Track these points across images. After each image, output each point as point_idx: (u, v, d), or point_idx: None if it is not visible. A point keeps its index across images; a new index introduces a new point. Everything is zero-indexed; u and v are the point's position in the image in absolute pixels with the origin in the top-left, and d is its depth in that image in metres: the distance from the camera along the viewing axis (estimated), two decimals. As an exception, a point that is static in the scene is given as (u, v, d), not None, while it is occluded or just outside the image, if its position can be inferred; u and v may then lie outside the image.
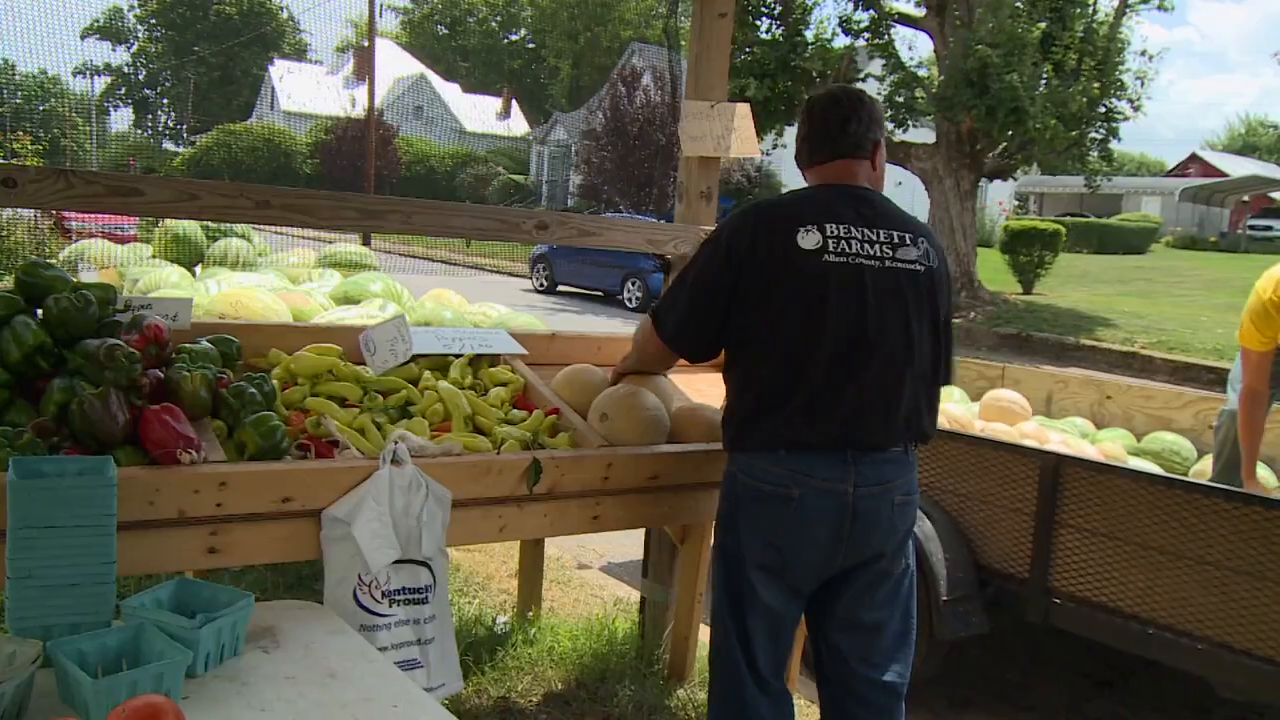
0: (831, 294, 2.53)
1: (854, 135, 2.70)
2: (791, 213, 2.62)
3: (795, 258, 2.54)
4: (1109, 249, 33.70)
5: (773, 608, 2.68)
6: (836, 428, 2.53)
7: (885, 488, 2.59)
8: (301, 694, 1.87)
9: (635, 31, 56.17)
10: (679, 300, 2.75)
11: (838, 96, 2.77)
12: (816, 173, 2.75)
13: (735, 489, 2.69)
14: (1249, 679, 3.40)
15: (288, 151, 43.27)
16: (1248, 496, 3.50)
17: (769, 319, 2.57)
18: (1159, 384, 6.46)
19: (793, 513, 2.56)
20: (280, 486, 2.45)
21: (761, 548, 2.62)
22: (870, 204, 2.66)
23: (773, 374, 2.58)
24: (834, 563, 2.62)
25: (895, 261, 2.59)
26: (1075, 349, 16.14)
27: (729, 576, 2.72)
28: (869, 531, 2.59)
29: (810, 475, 2.54)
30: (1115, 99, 18.99)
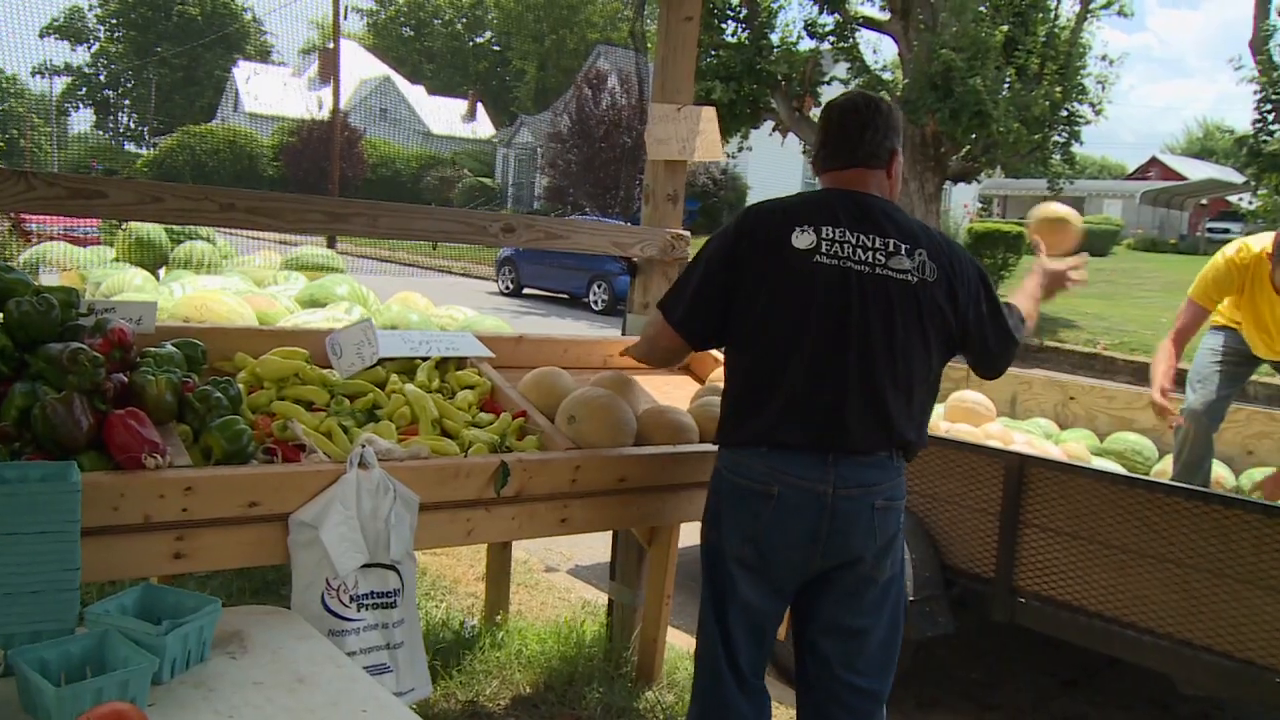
0: (817, 295, 2.55)
1: (869, 144, 2.72)
2: (791, 212, 2.65)
3: (787, 256, 2.57)
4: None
5: (752, 604, 2.69)
6: (816, 429, 2.55)
7: (866, 491, 2.59)
8: (269, 699, 1.87)
9: (601, 34, 56.17)
10: (686, 289, 2.78)
11: (856, 103, 2.78)
12: (829, 179, 2.77)
13: (720, 484, 2.72)
14: (1209, 674, 3.44)
15: (251, 154, 42.96)
16: (1207, 495, 3.55)
17: (757, 315, 2.61)
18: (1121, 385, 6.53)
19: (771, 510, 2.57)
20: (247, 491, 2.43)
21: (740, 543, 2.64)
22: (871, 210, 2.67)
23: (757, 371, 2.61)
24: (812, 563, 2.63)
25: (886, 270, 2.59)
26: (1038, 350, 16.28)
27: (712, 572, 2.75)
28: (847, 533, 2.60)
29: (790, 473, 2.55)
30: (1077, 103, 19.19)
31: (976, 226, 23.64)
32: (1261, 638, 3.31)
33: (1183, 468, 4.60)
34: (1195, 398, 4.65)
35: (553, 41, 58.68)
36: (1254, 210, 21.32)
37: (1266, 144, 15.02)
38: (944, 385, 6.14)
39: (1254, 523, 3.33)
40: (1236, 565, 3.35)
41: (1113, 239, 36.95)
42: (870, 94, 2.88)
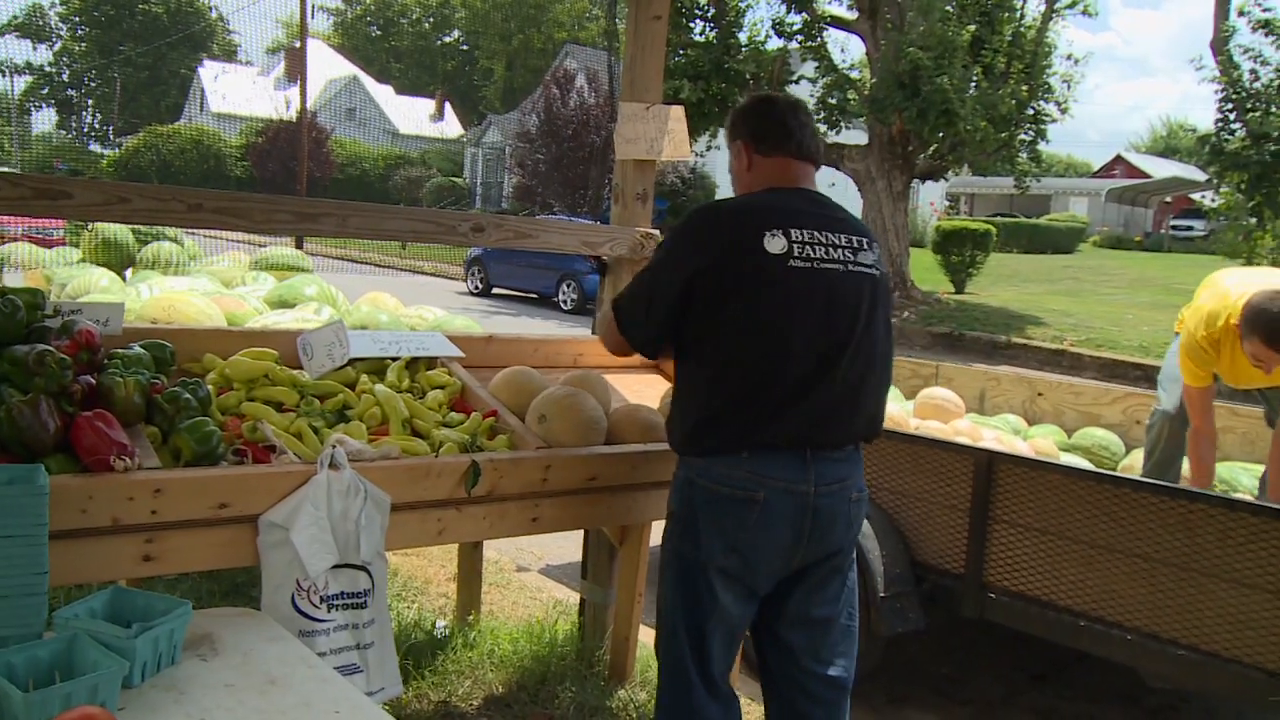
0: (798, 299, 2.54)
1: (816, 142, 2.78)
2: (759, 216, 2.61)
3: (763, 261, 2.54)
4: (1038, 248, 34.28)
5: (730, 611, 2.67)
6: (800, 430, 2.55)
7: (842, 485, 2.62)
8: (241, 701, 1.86)
9: (569, 33, 56.17)
10: (639, 294, 2.76)
11: (797, 102, 2.84)
12: (773, 165, 2.74)
13: (692, 493, 2.65)
14: (1175, 667, 3.48)
15: (218, 154, 42.64)
16: (1173, 490, 3.59)
17: (732, 322, 2.55)
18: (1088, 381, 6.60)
19: (757, 516, 2.55)
20: (216, 492, 2.42)
21: (724, 552, 2.60)
22: (826, 208, 2.70)
23: (736, 379, 2.57)
24: (792, 563, 2.64)
25: (857, 266, 2.62)
26: (1006, 347, 16.39)
27: (686, 581, 2.68)
28: (828, 530, 2.62)
29: (772, 477, 2.54)
30: (1043, 101, 19.37)
31: (944, 224, 23.75)
32: (1226, 630, 3.35)
33: (1155, 466, 4.65)
34: (1167, 398, 4.70)
35: (520, 41, 58.62)
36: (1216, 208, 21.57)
37: (1228, 143, 15.18)
38: (913, 382, 6.22)
39: (1217, 516, 3.37)
40: (1201, 559, 3.39)
41: (1079, 237, 37.31)
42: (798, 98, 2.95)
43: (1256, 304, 3.95)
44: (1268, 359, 3.97)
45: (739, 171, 2.83)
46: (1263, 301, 3.94)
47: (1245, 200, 15.80)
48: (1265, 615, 3.27)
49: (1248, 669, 3.30)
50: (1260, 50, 15.16)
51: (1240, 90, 15.16)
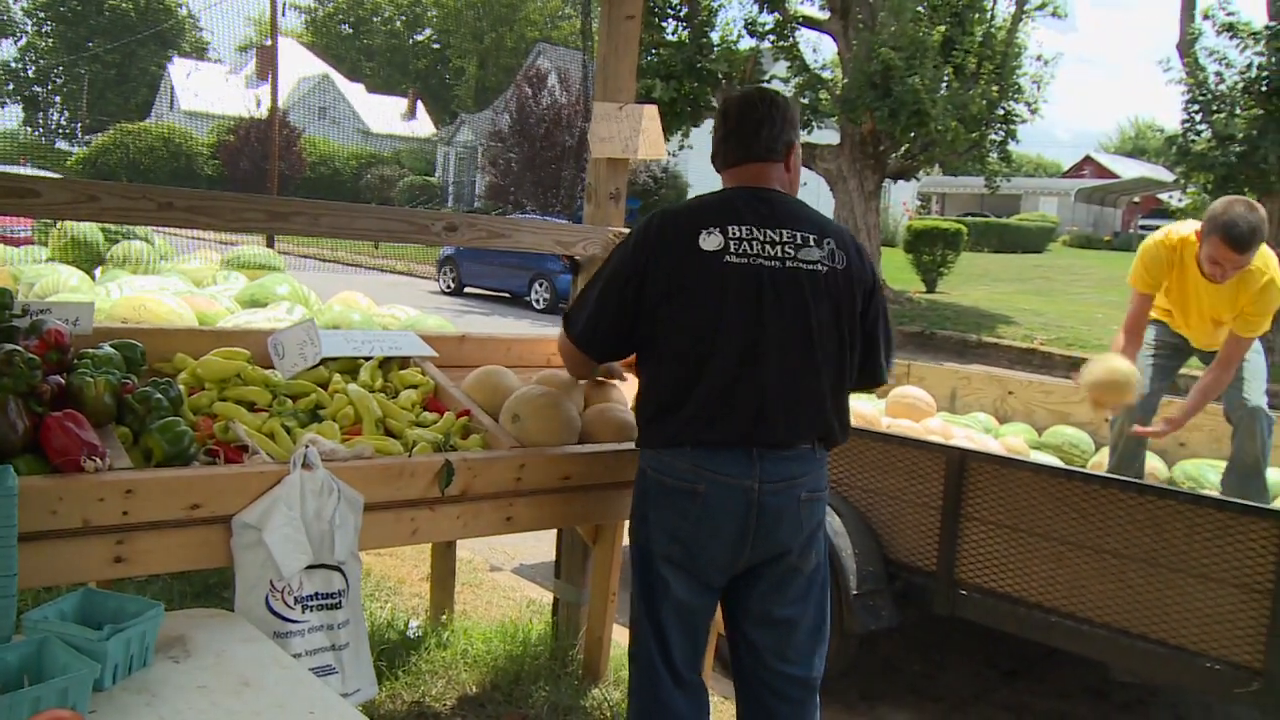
0: (730, 295, 2.56)
1: (766, 139, 2.73)
2: (695, 216, 2.65)
3: (697, 260, 2.57)
4: (1008, 248, 34.50)
5: (684, 601, 2.70)
6: (738, 426, 2.57)
7: (790, 484, 2.63)
8: (214, 703, 1.85)
9: (541, 32, 56.08)
10: (589, 302, 2.79)
11: (752, 99, 2.79)
12: (731, 175, 2.78)
13: (645, 484, 2.73)
14: (1144, 661, 3.52)
15: (188, 152, 42.27)
16: (1142, 487, 3.63)
17: (672, 320, 2.60)
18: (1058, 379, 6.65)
19: (698, 507, 2.59)
20: (188, 493, 2.40)
21: (668, 541, 2.66)
22: (774, 205, 2.69)
23: (675, 374, 2.61)
24: (740, 557, 2.65)
25: (796, 262, 2.61)
26: (977, 346, 16.51)
27: (641, 571, 2.75)
28: (774, 527, 2.63)
29: (715, 470, 2.57)
30: (1013, 102, 19.50)
31: (915, 224, 23.91)
32: (1193, 624, 3.39)
33: (1119, 460, 4.70)
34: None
35: (492, 39, 58.47)
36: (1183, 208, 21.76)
37: (1194, 143, 15.32)
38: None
39: (1185, 512, 3.41)
40: (1169, 554, 3.43)
41: (1049, 236, 37.56)
42: (767, 89, 2.91)
43: (1217, 207, 4.19)
44: (1224, 259, 4.15)
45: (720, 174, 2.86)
46: (1223, 204, 4.18)
47: (1212, 201, 15.94)
48: (1231, 609, 3.31)
49: (1214, 662, 3.34)
50: (1225, 53, 15.31)
51: (1206, 92, 15.29)
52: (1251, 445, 4.51)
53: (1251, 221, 4.06)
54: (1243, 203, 4.15)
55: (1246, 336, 4.45)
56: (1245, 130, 14.40)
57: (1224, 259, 4.12)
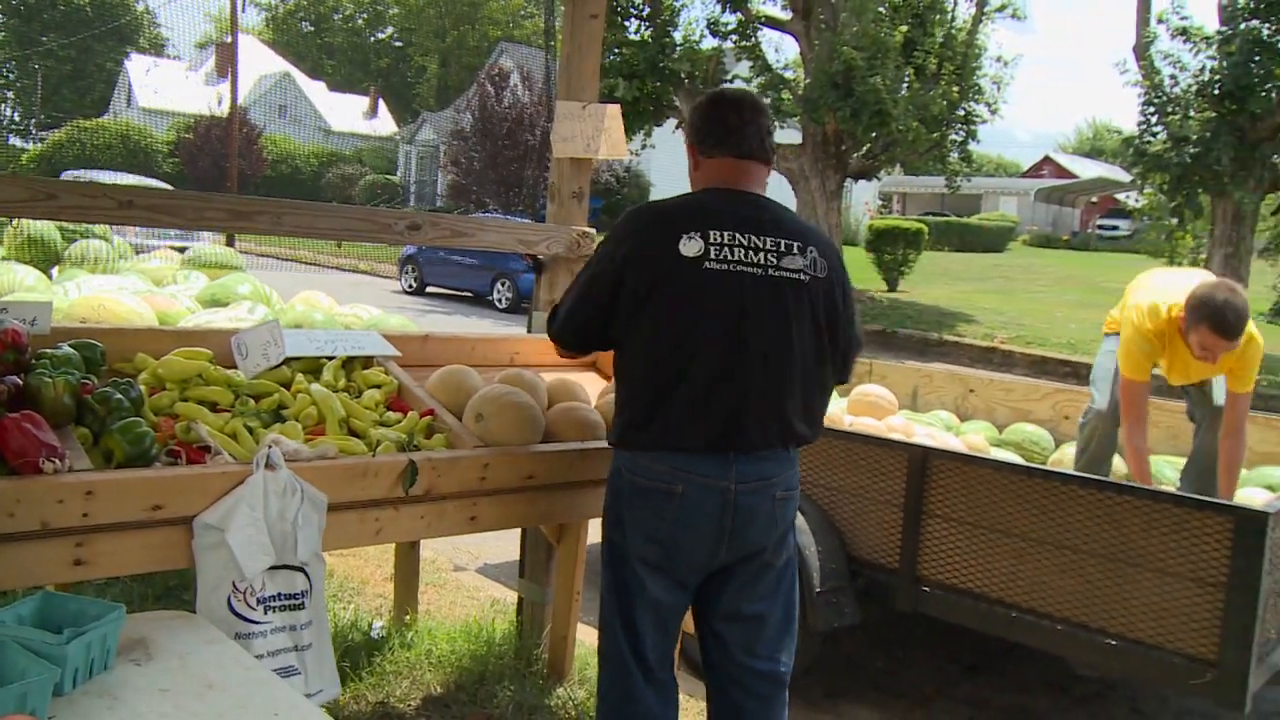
0: (710, 302, 2.55)
1: (755, 137, 2.73)
2: (677, 219, 2.62)
3: (677, 264, 2.55)
4: (969, 247, 34.78)
5: (659, 600, 2.71)
6: (716, 432, 2.57)
7: (766, 484, 2.64)
8: (177, 706, 1.83)
9: (503, 31, 55.96)
10: (571, 297, 2.80)
11: (748, 98, 2.80)
12: (716, 165, 2.73)
13: (620, 484, 2.72)
14: (1103, 655, 3.57)
15: (146, 150, 41.79)
16: (1101, 483, 3.68)
17: (651, 323, 2.59)
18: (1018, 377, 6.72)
19: (675, 508, 2.59)
20: (150, 494, 2.38)
21: (644, 542, 2.66)
22: (758, 210, 2.68)
23: (654, 378, 2.60)
24: (717, 557, 2.66)
25: (779, 270, 2.60)
26: (938, 344, 16.63)
27: (616, 570, 2.75)
28: (750, 527, 2.64)
29: (692, 471, 2.58)
30: (973, 102, 19.66)
31: (877, 223, 24.06)
32: (1151, 618, 3.44)
33: (1088, 462, 4.74)
34: (1100, 397, 4.80)
35: (454, 38, 58.29)
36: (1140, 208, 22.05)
37: (1150, 145, 15.52)
38: (848, 380, 6.25)
39: (1143, 508, 3.45)
40: (1127, 550, 3.48)
41: (1008, 235, 37.90)
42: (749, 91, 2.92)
43: (1201, 294, 4.13)
44: (1213, 346, 4.12)
45: (690, 172, 2.84)
46: (1206, 292, 4.12)
47: (1167, 201, 16.18)
48: (1187, 603, 3.36)
49: (1170, 655, 3.40)
50: (1179, 56, 15.53)
51: (1161, 94, 15.50)
52: (1212, 443, 4.58)
53: (1238, 308, 4.06)
54: (1225, 288, 4.12)
55: (1244, 392, 4.44)
56: (1199, 132, 14.61)
57: (1215, 346, 4.10)
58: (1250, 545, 3.25)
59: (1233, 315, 4.05)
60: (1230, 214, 15.12)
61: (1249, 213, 15.17)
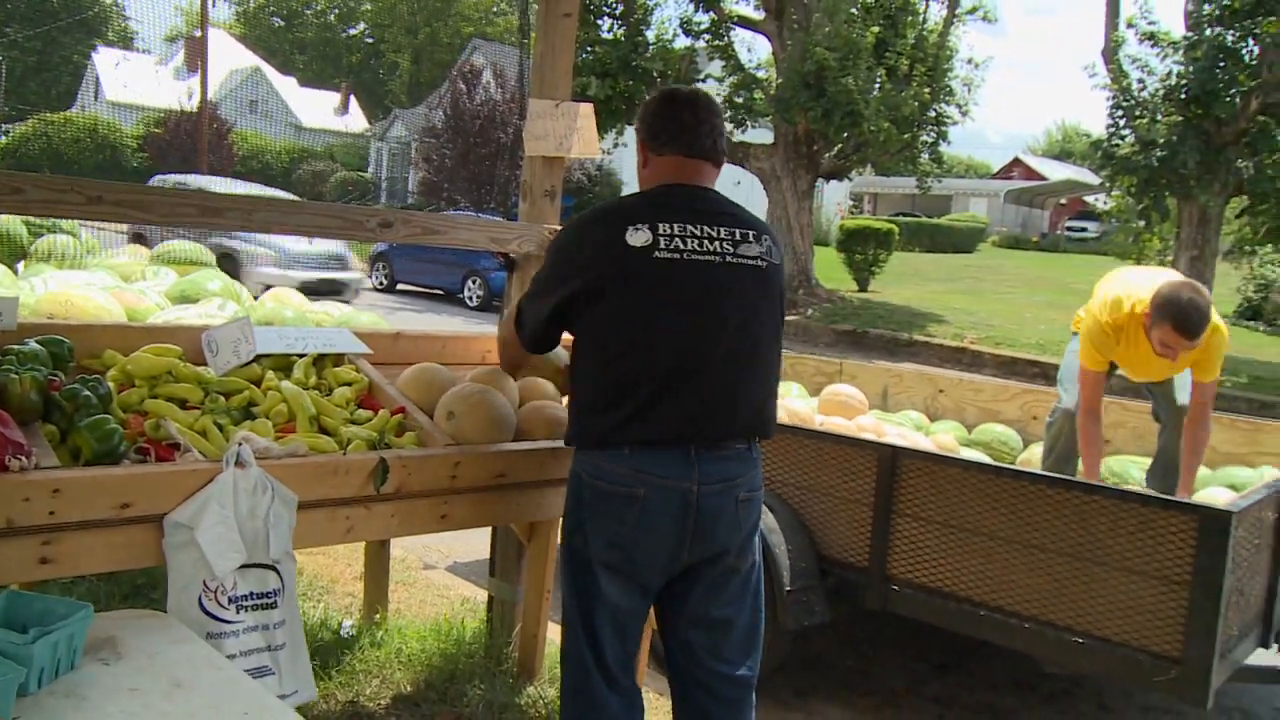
0: (663, 292, 2.55)
1: (708, 136, 2.73)
2: (624, 213, 2.63)
3: (624, 256, 2.55)
4: (939, 248, 34.97)
5: (619, 605, 2.70)
6: (678, 425, 2.56)
7: (728, 485, 2.63)
8: (146, 705, 1.82)
9: (476, 27, 55.77)
10: (528, 303, 2.80)
11: (701, 97, 2.79)
12: (668, 163, 2.73)
13: (580, 488, 2.70)
14: (1070, 653, 3.60)
15: (115, 144, 41.35)
16: (1068, 482, 3.71)
17: (602, 320, 2.59)
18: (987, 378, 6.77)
19: (637, 511, 2.57)
20: (118, 492, 2.37)
21: (606, 547, 2.64)
22: (709, 201, 2.69)
23: (610, 374, 2.60)
24: (679, 560, 2.65)
25: (737, 257, 2.61)
26: (908, 344, 16.71)
27: (575, 575, 2.73)
28: (713, 528, 2.63)
29: (653, 473, 2.56)
30: (944, 104, 19.77)
31: (848, 223, 24.14)
32: (1117, 616, 3.47)
33: (1054, 461, 4.79)
34: (1067, 397, 4.84)
35: (427, 35, 58.05)
36: (1108, 210, 22.23)
37: (1118, 148, 15.65)
38: (818, 379, 6.31)
39: (1109, 508, 3.49)
40: (1094, 548, 3.51)
41: (978, 236, 38.13)
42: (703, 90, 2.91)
43: (1166, 293, 4.18)
44: (1175, 344, 4.17)
45: (639, 169, 2.83)
46: (1172, 290, 4.18)
47: (1135, 204, 16.33)
48: (1152, 601, 3.40)
49: (1136, 652, 3.44)
50: (1147, 61, 15.68)
51: (1129, 98, 15.64)
52: (1177, 443, 4.63)
53: (1201, 308, 4.11)
54: (1188, 287, 4.18)
55: (1208, 381, 4.51)
56: (1166, 136, 14.75)
57: (1176, 344, 4.16)
58: (1214, 544, 3.29)
59: (1196, 316, 4.11)
60: (1196, 217, 15.28)
61: (1214, 216, 15.34)
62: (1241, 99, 14.51)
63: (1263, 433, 5.23)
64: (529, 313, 2.79)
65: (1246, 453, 5.18)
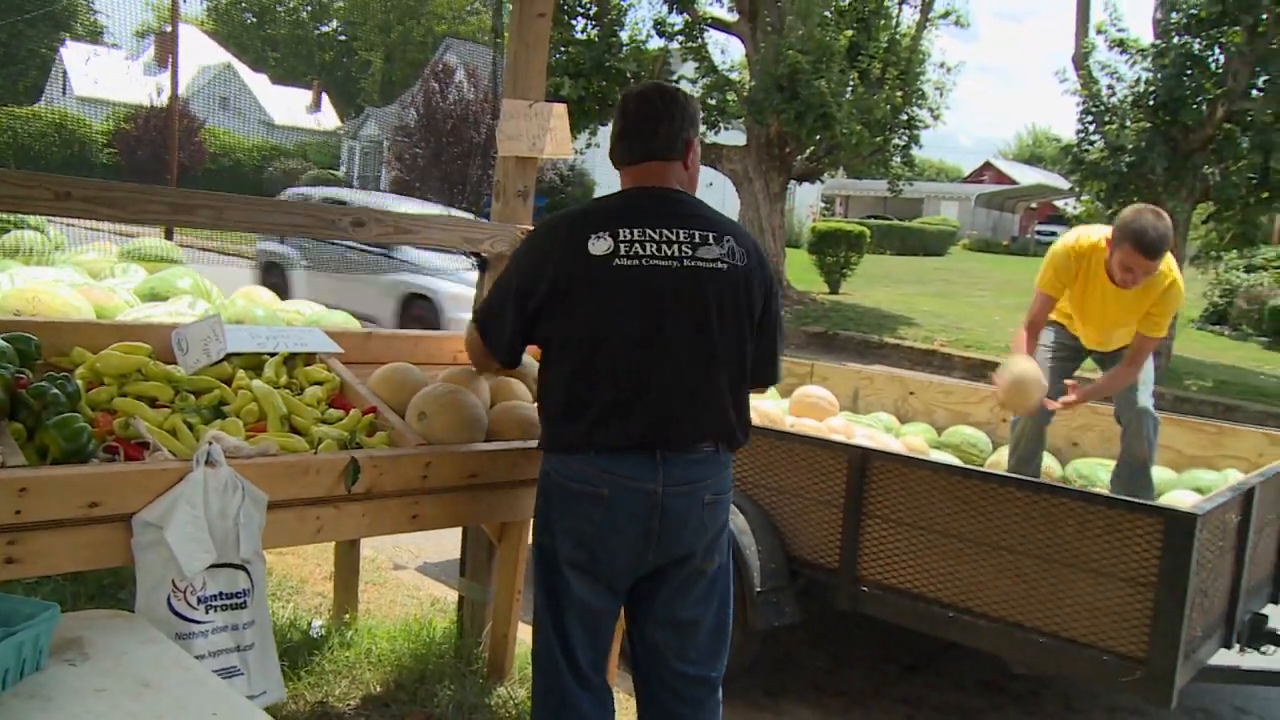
0: (624, 298, 2.55)
1: (664, 137, 2.71)
2: (587, 220, 2.64)
3: (586, 264, 2.55)
4: (910, 250, 35.16)
5: (589, 604, 2.70)
6: (641, 430, 2.57)
7: (694, 487, 2.64)
8: (113, 706, 1.81)
9: (449, 26, 55.64)
10: (493, 305, 2.77)
11: (650, 96, 2.76)
12: (630, 173, 2.75)
13: (549, 488, 2.71)
14: (1037, 654, 3.63)
15: (83, 140, 40.94)
16: (1037, 485, 3.74)
17: (566, 326, 2.59)
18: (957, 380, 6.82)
19: (602, 511, 2.59)
20: (87, 491, 2.35)
21: (572, 546, 2.65)
22: (671, 204, 2.69)
23: (573, 380, 2.60)
24: (644, 561, 2.66)
25: (695, 260, 2.61)
26: (879, 347, 16.79)
27: (545, 574, 2.74)
28: (678, 530, 2.64)
29: (618, 474, 2.57)
30: (916, 107, 19.88)
31: (819, 225, 24.24)
32: (1084, 617, 3.50)
33: (1018, 461, 4.83)
34: None
35: (399, 33, 57.88)
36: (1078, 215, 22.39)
37: (1088, 153, 15.78)
38: (789, 381, 6.33)
39: (1077, 510, 3.52)
40: (1062, 550, 3.54)
41: (949, 239, 38.35)
42: (666, 84, 2.88)
43: (1127, 216, 4.36)
44: (1135, 265, 4.30)
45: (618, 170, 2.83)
46: (1132, 214, 4.34)
47: (1104, 208, 16.47)
48: (1118, 602, 3.43)
49: (1102, 653, 3.47)
50: (1116, 67, 15.81)
51: (1099, 104, 15.76)
52: (1139, 445, 4.68)
53: (1160, 229, 4.25)
54: (1150, 211, 4.32)
55: (1154, 336, 4.64)
56: (1135, 142, 14.88)
57: (1136, 265, 4.29)
58: (1179, 546, 3.32)
59: (1154, 234, 4.24)
60: (1166, 221, 15.42)
61: (1181, 222, 15.46)
62: (1208, 107, 14.67)
63: (1227, 436, 5.30)
64: (496, 320, 2.76)
65: (1211, 456, 5.24)
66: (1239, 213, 15.19)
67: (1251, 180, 14.67)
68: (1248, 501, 3.87)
